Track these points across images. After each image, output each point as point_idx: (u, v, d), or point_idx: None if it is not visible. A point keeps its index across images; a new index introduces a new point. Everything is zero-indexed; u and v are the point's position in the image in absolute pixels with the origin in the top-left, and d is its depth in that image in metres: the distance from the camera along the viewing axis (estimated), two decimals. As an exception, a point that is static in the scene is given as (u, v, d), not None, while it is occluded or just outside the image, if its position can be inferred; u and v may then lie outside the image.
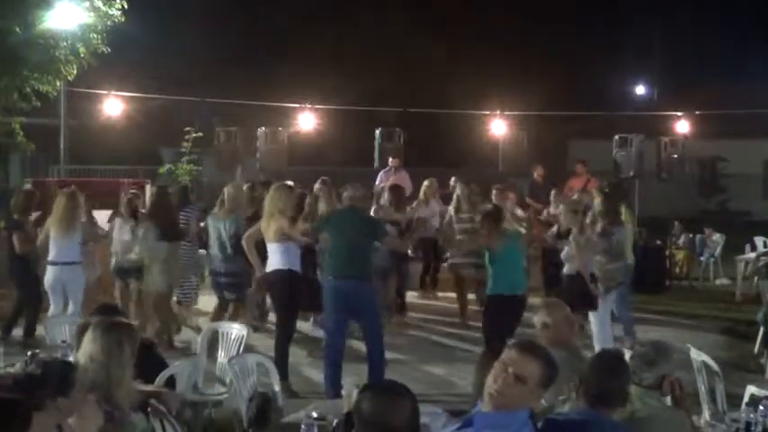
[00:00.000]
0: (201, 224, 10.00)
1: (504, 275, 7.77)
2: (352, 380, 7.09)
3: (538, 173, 14.99)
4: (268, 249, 7.90)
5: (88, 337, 4.22)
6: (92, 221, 9.69)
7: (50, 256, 8.80)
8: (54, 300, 8.79)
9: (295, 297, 7.90)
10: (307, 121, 16.44)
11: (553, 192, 12.38)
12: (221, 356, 6.75)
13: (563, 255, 8.75)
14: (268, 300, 9.52)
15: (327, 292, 7.49)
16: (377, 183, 14.65)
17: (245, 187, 10.29)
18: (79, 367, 4.13)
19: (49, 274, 8.78)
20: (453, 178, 11.37)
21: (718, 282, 14.80)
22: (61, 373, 3.75)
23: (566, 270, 8.56)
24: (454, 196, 10.94)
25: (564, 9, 29.42)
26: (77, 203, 8.91)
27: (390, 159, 15.08)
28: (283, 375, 7.41)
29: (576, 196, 10.53)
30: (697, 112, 17.85)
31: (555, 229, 9.53)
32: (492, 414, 3.23)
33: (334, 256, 7.52)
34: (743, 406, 5.32)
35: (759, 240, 14.46)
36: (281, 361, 7.56)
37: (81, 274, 8.87)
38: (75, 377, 3.78)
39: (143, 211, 11.21)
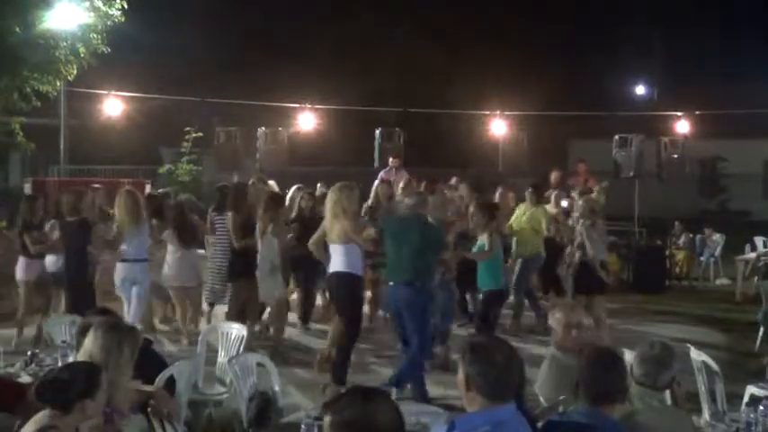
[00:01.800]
0: None
1: (498, 270, 8.55)
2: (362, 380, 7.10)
3: (555, 178, 14.73)
4: (330, 250, 7.75)
5: (89, 337, 4.22)
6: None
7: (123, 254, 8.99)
8: (125, 297, 8.93)
9: (358, 299, 7.85)
10: (307, 121, 16.43)
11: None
12: (221, 356, 6.76)
13: (576, 243, 9.51)
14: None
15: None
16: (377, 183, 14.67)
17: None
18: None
19: (120, 271, 8.87)
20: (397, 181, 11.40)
21: (718, 282, 14.80)
22: (88, 375, 3.76)
23: (578, 257, 9.42)
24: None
25: (564, 9, 29.42)
26: (139, 201, 9.05)
27: (391, 159, 15.08)
28: (341, 379, 7.46)
29: (594, 194, 11.26)
30: (697, 112, 17.84)
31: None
32: (470, 415, 3.23)
33: (388, 260, 7.77)
34: (743, 406, 5.31)
35: (759, 240, 14.47)
36: (342, 364, 7.60)
37: (149, 271, 9.06)
38: (102, 379, 3.79)
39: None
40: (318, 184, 12.08)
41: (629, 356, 4.52)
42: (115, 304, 8.35)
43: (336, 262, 7.65)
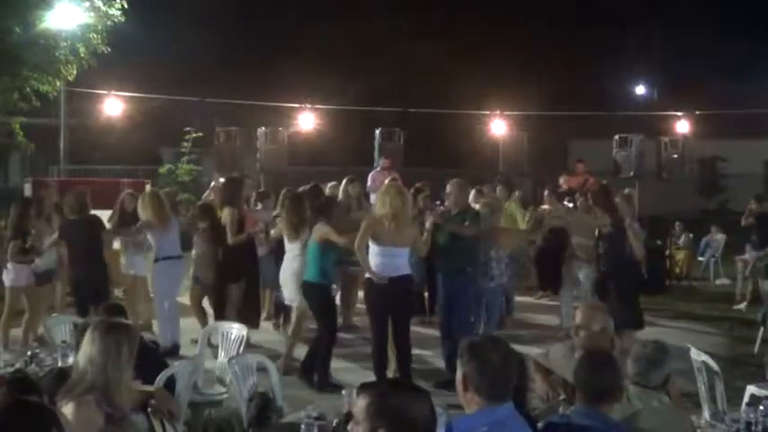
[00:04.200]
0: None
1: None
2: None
3: (564, 180, 14.63)
4: (388, 253, 7.42)
5: (87, 339, 4.19)
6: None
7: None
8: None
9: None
10: (307, 121, 16.44)
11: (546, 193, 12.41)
12: (221, 356, 6.76)
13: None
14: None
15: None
16: (369, 183, 14.59)
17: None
18: (78, 368, 4.12)
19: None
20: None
21: (718, 282, 14.78)
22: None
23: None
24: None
25: (564, 9, 29.40)
26: (164, 200, 9.33)
27: (382, 160, 14.96)
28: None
29: (627, 191, 11.31)
30: (697, 112, 17.85)
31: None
32: (468, 416, 3.23)
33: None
34: (743, 406, 5.31)
35: (759, 240, 14.45)
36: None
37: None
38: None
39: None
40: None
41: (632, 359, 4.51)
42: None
43: (401, 265, 7.51)
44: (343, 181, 10.46)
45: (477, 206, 9.17)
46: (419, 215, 8.69)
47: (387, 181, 11.02)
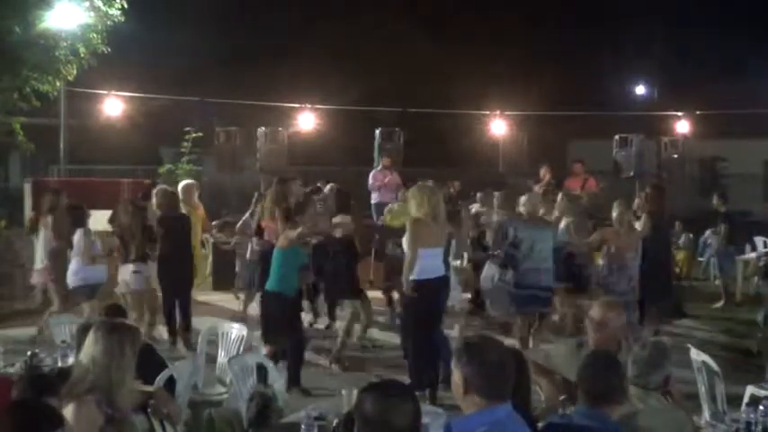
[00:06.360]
0: None
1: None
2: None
3: (545, 171, 14.60)
4: (425, 253, 7.25)
5: (90, 339, 4.19)
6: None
7: None
8: None
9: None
10: (307, 121, 16.44)
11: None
12: (221, 356, 6.76)
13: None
14: None
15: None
16: (370, 182, 14.62)
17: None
18: (80, 368, 4.13)
19: None
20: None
21: (718, 282, 14.77)
22: None
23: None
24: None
25: (564, 9, 29.40)
26: None
27: (383, 159, 15.01)
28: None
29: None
30: (697, 112, 17.84)
31: None
32: (467, 417, 3.23)
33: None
34: (743, 406, 5.32)
35: (759, 240, 14.46)
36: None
37: None
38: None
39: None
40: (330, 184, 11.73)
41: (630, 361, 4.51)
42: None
43: (441, 265, 7.40)
44: (274, 180, 10.25)
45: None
46: None
47: (398, 183, 11.05)
